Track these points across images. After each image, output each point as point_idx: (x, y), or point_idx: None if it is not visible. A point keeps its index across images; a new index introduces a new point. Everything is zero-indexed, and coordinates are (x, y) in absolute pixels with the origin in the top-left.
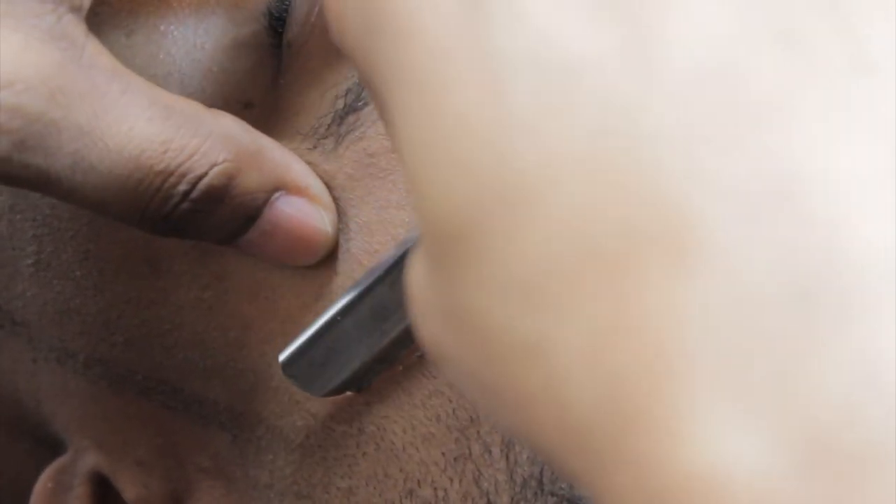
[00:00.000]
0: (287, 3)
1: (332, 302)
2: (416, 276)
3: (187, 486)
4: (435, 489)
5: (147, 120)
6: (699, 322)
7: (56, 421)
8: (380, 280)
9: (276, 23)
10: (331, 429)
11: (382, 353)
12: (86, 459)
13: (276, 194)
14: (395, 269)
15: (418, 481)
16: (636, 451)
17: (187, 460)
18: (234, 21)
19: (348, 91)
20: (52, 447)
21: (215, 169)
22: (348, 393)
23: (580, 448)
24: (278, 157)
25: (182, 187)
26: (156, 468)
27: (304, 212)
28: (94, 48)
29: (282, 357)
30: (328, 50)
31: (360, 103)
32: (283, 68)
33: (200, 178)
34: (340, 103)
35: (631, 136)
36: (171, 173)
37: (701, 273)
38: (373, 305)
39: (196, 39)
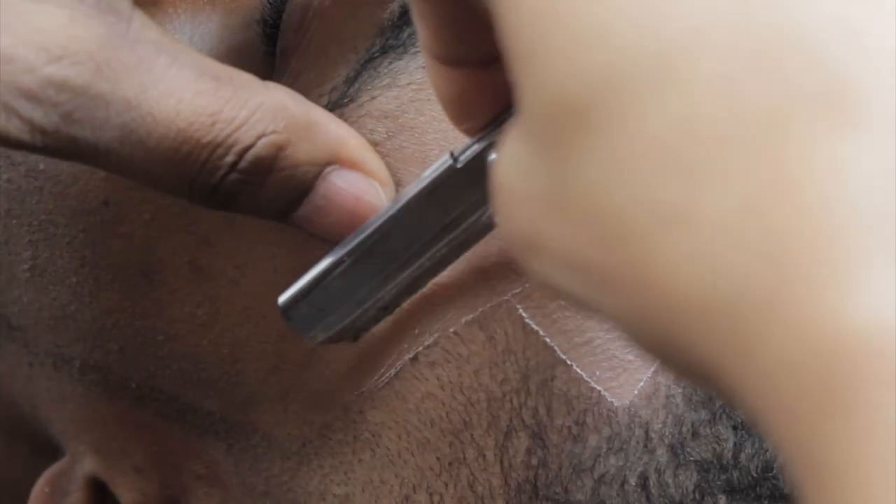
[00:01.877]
0: (280, 11)
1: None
2: (510, 164)
3: (183, 493)
4: (430, 495)
5: (195, 92)
6: (867, 178)
7: (53, 426)
8: (388, 224)
9: (270, 30)
10: (326, 437)
11: (385, 299)
12: (83, 464)
13: (329, 168)
14: (404, 213)
15: (414, 487)
16: (798, 311)
17: (183, 467)
18: (229, 28)
19: (333, 89)
20: (49, 452)
21: (263, 140)
22: (367, 379)
23: (723, 320)
24: (333, 131)
25: (229, 158)
26: (152, 474)
27: (358, 187)
28: (140, 21)
29: (281, 299)
30: (320, 55)
31: (344, 100)
32: (276, 74)
33: (247, 149)
34: (324, 100)
35: (784, 1)
36: (219, 144)
37: (867, 130)
38: (379, 249)
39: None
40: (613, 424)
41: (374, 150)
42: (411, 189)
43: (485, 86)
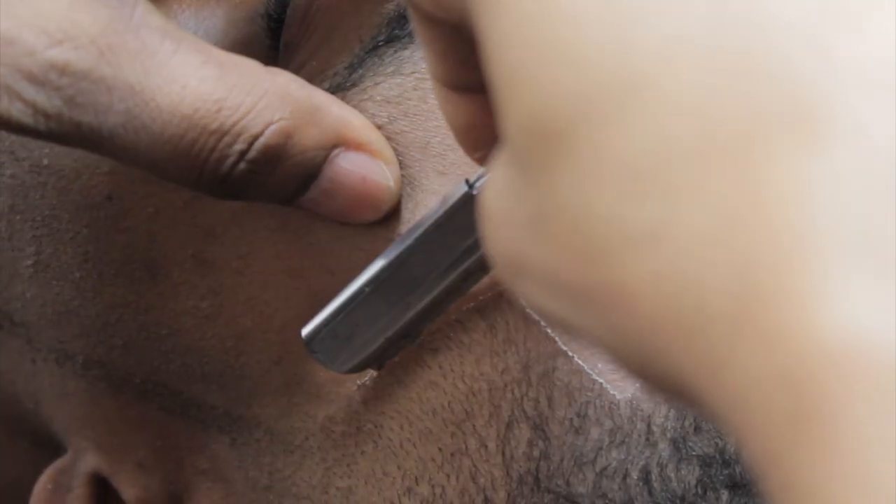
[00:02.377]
0: (285, 5)
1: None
2: (496, 189)
3: (186, 488)
4: (433, 486)
5: (200, 79)
6: (833, 194)
7: (56, 422)
8: (407, 252)
9: (274, 24)
10: (329, 430)
11: (406, 327)
12: (85, 461)
13: (336, 151)
14: (422, 241)
15: (416, 479)
16: (767, 327)
17: (186, 462)
18: (234, 23)
19: (335, 75)
20: (51, 448)
21: (271, 128)
22: (371, 371)
23: (696, 337)
24: (336, 113)
25: (238, 146)
26: (155, 470)
27: (365, 167)
28: (144, 8)
29: (305, 331)
30: (323, 45)
31: (346, 84)
32: (280, 67)
33: (256, 137)
34: (326, 85)
35: (751, 18)
36: (226, 132)
37: (832, 147)
38: (399, 278)
39: None
40: (615, 417)
41: None
42: (429, 218)
43: (491, 113)
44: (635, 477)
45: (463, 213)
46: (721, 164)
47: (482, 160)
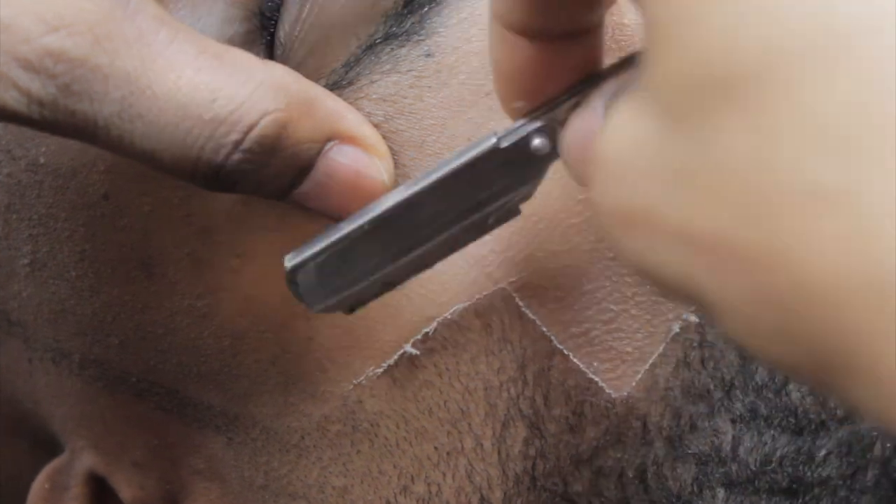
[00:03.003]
0: (278, 3)
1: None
2: (625, 139)
3: (183, 488)
4: (428, 485)
5: (195, 69)
6: None
7: (53, 421)
8: (417, 196)
9: (268, 22)
10: (325, 429)
11: (394, 273)
12: (82, 460)
13: (330, 144)
14: (436, 187)
15: (412, 477)
16: None
17: (183, 462)
18: (229, 20)
19: (332, 73)
20: (49, 447)
21: (267, 118)
22: (367, 370)
23: (866, 306)
24: (331, 106)
25: (233, 136)
26: (152, 469)
27: (359, 161)
28: None
29: (289, 261)
30: (320, 42)
31: (343, 82)
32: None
33: (251, 127)
34: (322, 82)
35: None
36: (222, 122)
37: None
38: (402, 220)
39: None
40: (611, 416)
41: None
42: (447, 163)
43: (550, 62)
44: (631, 476)
45: (483, 166)
46: None
47: (516, 112)
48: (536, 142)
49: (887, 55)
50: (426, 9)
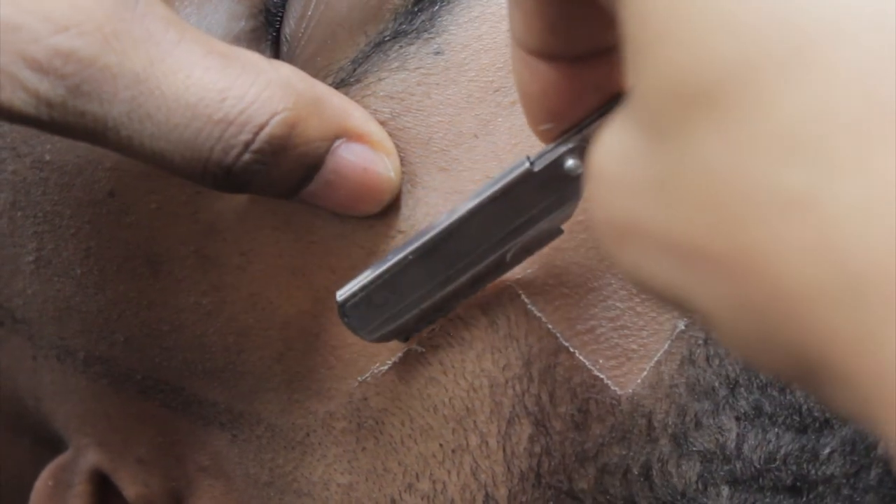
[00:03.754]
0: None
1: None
2: (613, 151)
3: (187, 485)
4: (433, 482)
5: (204, 69)
6: None
7: (56, 419)
8: (457, 223)
9: (274, 18)
10: (330, 426)
11: (443, 301)
12: (86, 457)
13: (337, 142)
14: (475, 214)
15: (417, 475)
16: None
17: (187, 459)
18: (235, 17)
19: (339, 70)
20: (52, 445)
21: (276, 118)
22: (372, 367)
23: (843, 312)
24: (337, 104)
25: (243, 136)
26: (156, 467)
27: (366, 159)
28: None
29: (340, 295)
30: (328, 39)
31: (350, 79)
32: (283, 60)
33: (261, 127)
34: (330, 80)
35: None
36: (231, 122)
37: None
38: (445, 249)
39: None
40: (616, 413)
41: None
42: (484, 190)
43: (573, 84)
44: (636, 473)
45: (519, 190)
46: (887, 138)
47: (546, 135)
48: (570, 163)
49: (845, 62)
50: (437, 6)
